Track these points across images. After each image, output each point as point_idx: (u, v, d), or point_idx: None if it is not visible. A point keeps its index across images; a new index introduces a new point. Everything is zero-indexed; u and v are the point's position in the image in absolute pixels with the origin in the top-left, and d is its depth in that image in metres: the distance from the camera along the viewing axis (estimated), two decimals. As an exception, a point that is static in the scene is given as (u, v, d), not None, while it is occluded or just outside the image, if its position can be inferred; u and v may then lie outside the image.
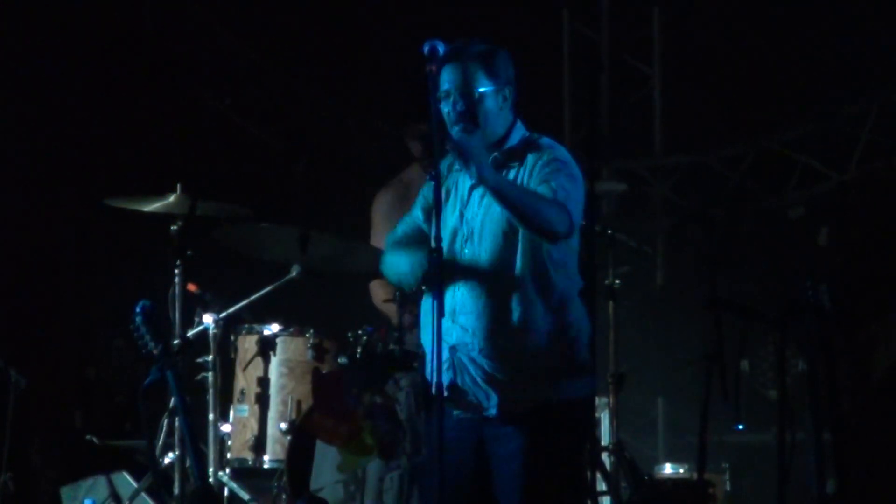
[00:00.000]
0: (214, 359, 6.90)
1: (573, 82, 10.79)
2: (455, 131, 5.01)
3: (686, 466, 8.33)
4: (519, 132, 5.15)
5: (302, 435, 6.64)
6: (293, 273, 6.88)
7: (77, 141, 9.68)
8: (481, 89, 5.02)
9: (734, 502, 8.51)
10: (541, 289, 5.03)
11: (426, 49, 4.94)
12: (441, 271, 4.83)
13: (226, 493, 6.89)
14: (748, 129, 10.51)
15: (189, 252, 6.75)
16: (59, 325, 9.64)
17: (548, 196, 4.92)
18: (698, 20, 10.45)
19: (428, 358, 5.00)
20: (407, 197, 6.91)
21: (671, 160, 10.69)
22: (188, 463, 6.52)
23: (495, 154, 5.06)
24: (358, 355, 6.47)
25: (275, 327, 7.01)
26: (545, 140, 5.15)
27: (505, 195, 4.86)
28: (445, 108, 5.03)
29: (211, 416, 6.88)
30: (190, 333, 6.83)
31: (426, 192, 5.17)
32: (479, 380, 5.02)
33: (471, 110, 5.01)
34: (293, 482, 6.60)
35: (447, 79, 5.03)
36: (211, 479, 6.75)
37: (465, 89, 5.00)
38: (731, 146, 10.56)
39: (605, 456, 7.37)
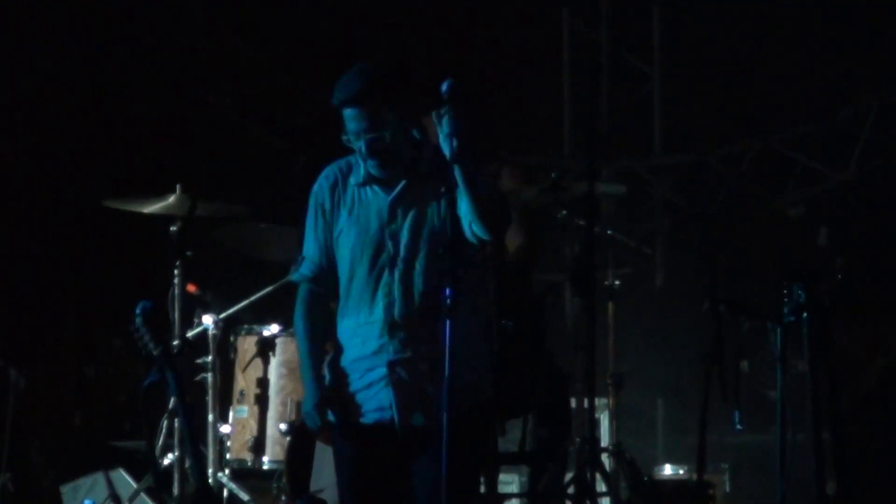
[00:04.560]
0: (214, 360, 6.91)
1: (573, 82, 10.79)
2: (371, 165, 5.09)
3: (686, 467, 8.33)
4: (427, 150, 5.18)
5: (301, 436, 6.63)
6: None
7: (77, 141, 9.68)
8: (390, 127, 5.06)
9: (734, 503, 8.51)
10: (470, 298, 5.10)
11: (444, 87, 4.95)
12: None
13: (225, 493, 6.89)
14: (748, 128, 10.50)
15: (189, 252, 6.75)
16: (58, 325, 9.64)
17: None
18: (698, 20, 10.45)
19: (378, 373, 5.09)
20: None
21: (671, 160, 10.69)
22: (188, 464, 6.52)
23: (404, 182, 5.12)
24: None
25: (274, 328, 7.01)
26: None
27: (472, 177, 4.93)
28: (357, 144, 5.10)
29: (210, 417, 6.89)
30: (190, 334, 6.83)
31: (323, 202, 5.22)
32: (416, 394, 5.06)
33: (384, 149, 5.06)
34: (293, 483, 6.60)
35: (354, 123, 5.08)
36: (210, 480, 6.75)
37: (375, 131, 5.05)
38: (730, 146, 10.55)
39: (604, 457, 7.37)
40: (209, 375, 6.89)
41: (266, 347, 6.98)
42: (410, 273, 5.08)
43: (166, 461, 6.85)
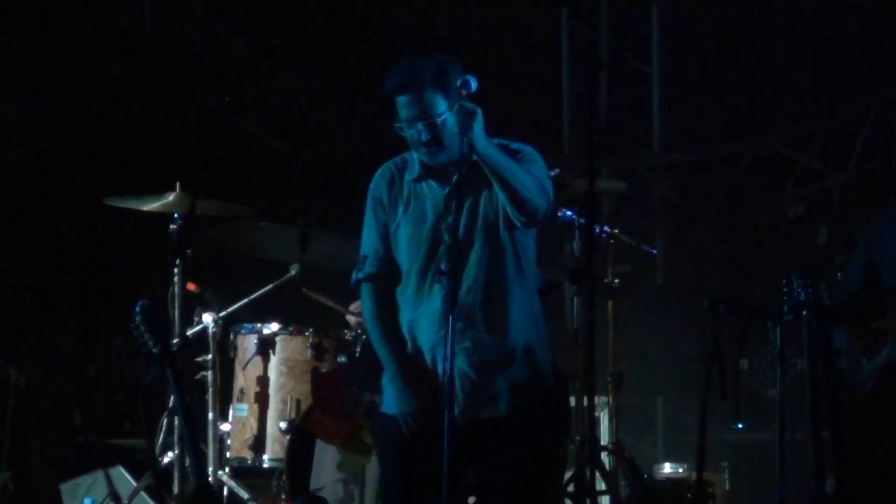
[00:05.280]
0: (214, 358, 6.90)
1: (572, 81, 10.79)
2: (422, 153, 5.11)
3: (685, 466, 8.33)
4: None
5: (301, 434, 6.63)
6: (293, 272, 6.88)
7: (77, 141, 9.68)
8: (442, 114, 5.05)
9: (733, 501, 8.51)
10: (525, 288, 5.15)
11: (458, 83, 4.97)
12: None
13: (225, 492, 6.89)
14: (748, 127, 10.51)
15: (189, 251, 6.74)
16: (58, 324, 9.64)
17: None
18: (698, 19, 10.45)
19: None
20: None
21: (670, 159, 10.69)
22: (187, 462, 6.52)
23: (458, 175, 5.09)
24: (357, 354, 6.48)
25: (274, 326, 7.00)
26: (508, 142, 5.20)
27: (495, 163, 4.95)
28: (409, 133, 5.10)
29: (210, 416, 6.88)
30: (189, 332, 6.82)
31: (381, 198, 5.22)
32: (484, 383, 5.05)
33: (436, 137, 5.07)
34: (292, 481, 6.60)
35: (406, 110, 5.08)
36: (210, 479, 6.75)
37: (427, 118, 5.05)
38: (730, 145, 10.56)
39: (604, 456, 7.36)
40: (209, 374, 6.89)
41: (266, 345, 6.97)
42: (467, 264, 5.06)
43: (166, 459, 6.85)
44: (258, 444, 6.94)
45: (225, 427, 7.01)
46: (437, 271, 4.99)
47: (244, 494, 6.82)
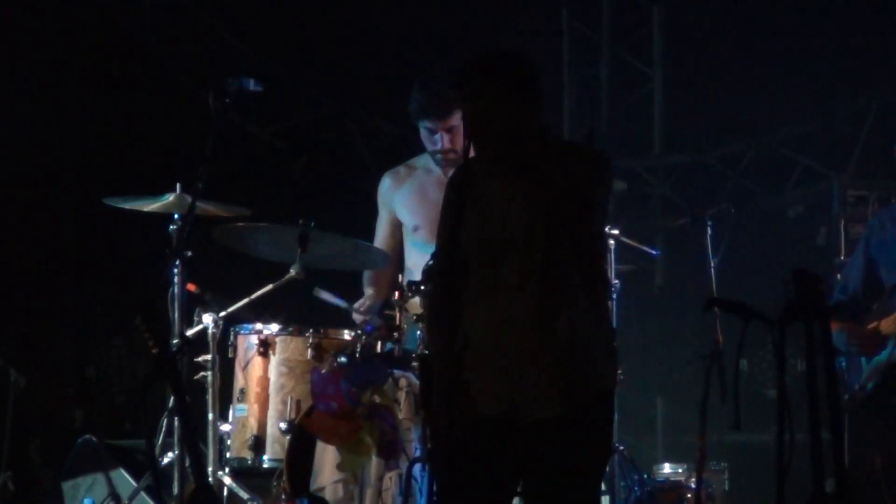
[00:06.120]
0: (214, 358, 6.90)
1: (572, 81, 10.80)
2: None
3: (685, 466, 8.32)
4: (548, 136, 5.13)
5: (301, 434, 6.63)
6: (293, 273, 6.87)
7: (77, 141, 9.69)
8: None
9: (733, 502, 8.51)
10: (590, 293, 5.07)
11: None
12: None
13: (225, 492, 6.89)
14: (747, 128, 10.51)
15: (188, 252, 6.74)
16: (58, 324, 9.64)
17: None
18: (698, 20, 10.46)
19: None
20: (405, 182, 6.97)
21: (670, 159, 10.70)
22: (187, 462, 6.52)
23: (521, 172, 5.06)
24: (357, 354, 6.48)
25: (274, 327, 7.00)
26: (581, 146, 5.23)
27: None
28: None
29: (210, 416, 6.88)
30: (189, 333, 6.82)
31: (453, 197, 5.18)
32: (536, 383, 5.00)
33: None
34: (293, 482, 6.59)
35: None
36: (210, 479, 6.75)
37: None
38: (730, 145, 10.56)
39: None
40: (209, 374, 6.88)
41: (266, 346, 6.97)
42: (527, 262, 5.03)
43: (166, 460, 6.85)
44: (258, 445, 6.93)
45: (225, 427, 7.00)
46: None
47: (244, 495, 6.82)
